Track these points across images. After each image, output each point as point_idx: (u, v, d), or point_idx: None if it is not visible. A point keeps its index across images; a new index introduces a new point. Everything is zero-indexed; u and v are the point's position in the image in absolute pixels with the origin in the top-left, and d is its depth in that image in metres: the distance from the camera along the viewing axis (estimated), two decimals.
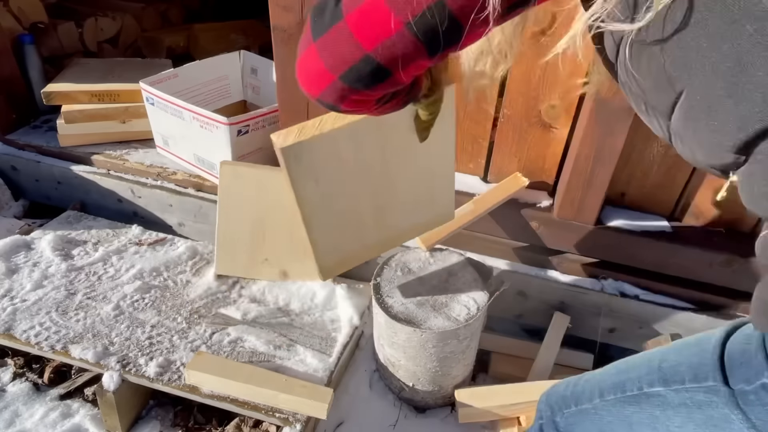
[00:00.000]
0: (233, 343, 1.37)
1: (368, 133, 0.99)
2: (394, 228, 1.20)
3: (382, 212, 1.15)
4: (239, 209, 1.51)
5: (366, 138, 1.00)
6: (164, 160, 1.84)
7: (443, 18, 0.53)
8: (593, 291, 1.45)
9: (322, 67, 0.59)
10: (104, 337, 1.36)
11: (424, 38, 0.55)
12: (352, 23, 0.56)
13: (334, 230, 1.09)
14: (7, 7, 2.07)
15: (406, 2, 0.53)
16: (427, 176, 1.15)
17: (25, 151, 1.90)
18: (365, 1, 0.55)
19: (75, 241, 1.69)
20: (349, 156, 0.99)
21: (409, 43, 0.55)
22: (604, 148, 1.27)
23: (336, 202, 1.05)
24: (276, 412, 1.22)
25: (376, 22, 0.55)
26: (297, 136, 0.91)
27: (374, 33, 0.56)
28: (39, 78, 2.03)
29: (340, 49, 0.57)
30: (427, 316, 1.22)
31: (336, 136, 0.94)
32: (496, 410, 1.26)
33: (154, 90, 1.67)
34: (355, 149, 0.99)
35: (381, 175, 1.07)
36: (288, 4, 1.28)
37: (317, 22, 0.59)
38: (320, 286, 1.55)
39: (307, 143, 0.91)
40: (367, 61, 0.57)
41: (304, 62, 0.61)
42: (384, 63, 0.57)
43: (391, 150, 1.05)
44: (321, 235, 1.07)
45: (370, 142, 1.01)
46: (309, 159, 0.94)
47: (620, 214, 1.44)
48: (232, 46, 2.83)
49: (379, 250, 1.23)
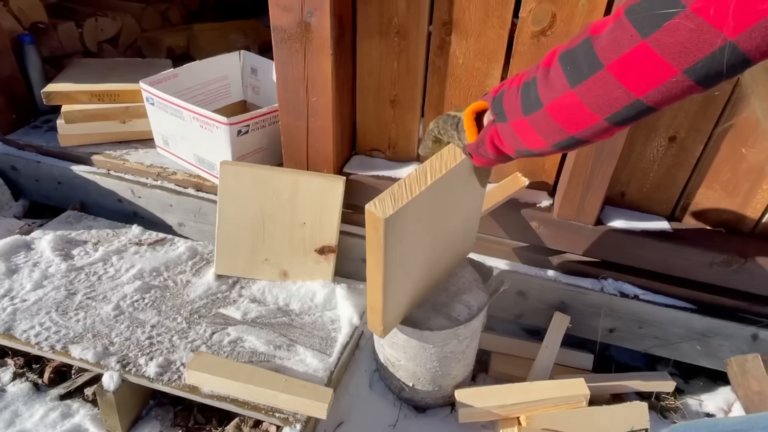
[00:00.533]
0: (233, 343, 1.37)
1: (443, 189, 1.04)
2: (438, 271, 1.24)
3: (436, 261, 1.20)
4: (239, 209, 1.51)
5: (440, 194, 1.04)
6: (164, 160, 1.84)
7: (733, 59, 0.52)
8: (593, 291, 1.45)
9: (586, 111, 0.64)
10: (104, 337, 1.36)
11: (703, 80, 0.55)
12: (616, 72, 0.59)
13: (399, 288, 1.11)
14: (7, 7, 2.07)
15: (682, 51, 0.53)
16: (465, 218, 1.20)
17: (25, 151, 1.90)
18: (627, 51, 0.57)
19: (75, 241, 1.69)
20: (426, 214, 1.04)
21: (685, 86, 0.56)
22: (604, 148, 1.27)
23: (409, 259, 1.08)
24: (276, 412, 1.22)
25: (646, 72, 0.57)
26: (393, 203, 0.94)
27: (645, 81, 0.58)
28: (39, 78, 2.03)
29: (606, 95, 0.61)
30: (427, 315, 1.22)
31: (424, 197, 0.99)
32: (496, 410, 1.26)
33: (154, 90, 1.67)
34: (431, 206, 1.03)
35: (441, 225, 1.12)
36: (288, 4, 1.28)
37: (573, 70, 0.64)
38: (320, 286, 1.55)
39: (403, 209, 0.95)
40: (636, 105, 0.61)
41: (563, 105, 0.67)
42: (653, 104, 0.60)
43: (452, 201, 1.10)
44: (392, 295, 1.09)
45: (443, 197, 1.06)
46: (402, 223, 0.97)
47: (620, 214, 1.44)
48: (232, 46, 2.84)
49: (425, 293, 1.26)
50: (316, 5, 1.25)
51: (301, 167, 1.54)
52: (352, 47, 1.44)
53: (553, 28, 1.25)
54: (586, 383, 1.28)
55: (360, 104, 1.54)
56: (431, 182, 0.98)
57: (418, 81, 1.44)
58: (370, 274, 1.04)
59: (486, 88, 1.39)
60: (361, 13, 1.38)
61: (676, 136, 1.32)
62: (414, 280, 1.16)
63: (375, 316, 1.12)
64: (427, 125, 1.19)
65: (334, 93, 1.39)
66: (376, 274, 1.02)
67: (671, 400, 1.48)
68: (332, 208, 1.48)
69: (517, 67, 1.32)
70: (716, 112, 1.27)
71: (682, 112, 1.29)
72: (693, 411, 1.47)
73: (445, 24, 1.33)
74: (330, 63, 1.32)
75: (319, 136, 1.46)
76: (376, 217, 0.92)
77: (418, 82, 1.45)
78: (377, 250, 0.97)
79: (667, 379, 1.44)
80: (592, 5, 1.19)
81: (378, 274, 1.02)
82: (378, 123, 1.55)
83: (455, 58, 1.37)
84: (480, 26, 1.31)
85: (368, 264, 1.03)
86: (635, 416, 1.28)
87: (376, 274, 1.02)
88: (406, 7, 1.34)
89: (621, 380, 1.43)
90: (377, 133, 1.57)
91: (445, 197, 1.06)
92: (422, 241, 1.08)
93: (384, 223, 0.92)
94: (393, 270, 1.03)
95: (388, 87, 1.48)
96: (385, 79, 1.46)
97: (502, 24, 1.29)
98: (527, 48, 1.29)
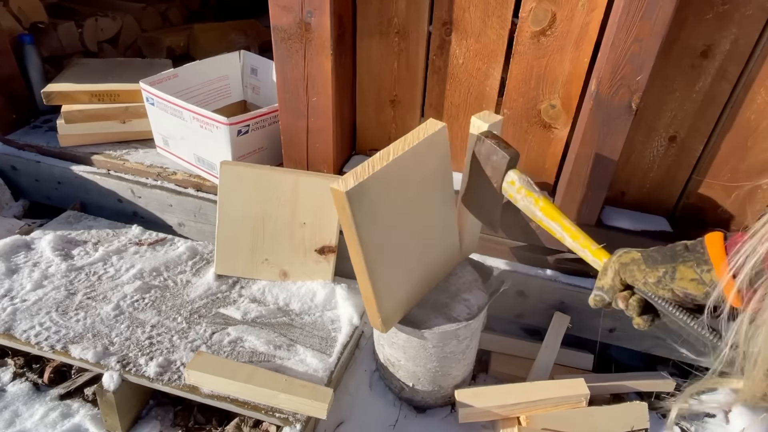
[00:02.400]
0: (233, 343, 1.37)
1: (410, 171, 1.07)
2: (434, 264, 1.26)
3: (426, 252, 1.21)
4: (239, 209, 1.51)
5: (410, 176, 1.07)
6: (164, 160, 1.84)
7: None
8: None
9: None
10: (104, 337, 1.36)
11: None
12: None
13: (389, 275, 1.13)
14: (7, 7, 2.07)
15: None
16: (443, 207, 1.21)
17: (25, 151, 1.90)
18: None
19: (75, 241, 1.69)
20: (398, 193, 1.06)
21: None
22: (604, 148, 1.27)
23: (390, 243, 1.10)
24: (276, 412, 1.22)
25: None
26: (355, 179, 0.97)
27: None
28: (39, 78, 2.03)
29: None
30: (427, 316, 1.22)
31: (387, 173, 1.02)
32: (496, 410, 1.26)
33: (154, 90, 1.67)
34: (401, 187, 1.06)
35: (420, 214, 1.14)
36: (288, 4, 1.28)
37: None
38: (320, 286, 1.55)
39: (365, 183, 0.98)
40: None
41: None
42: None
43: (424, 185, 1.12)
44: (380, 282, 1.10)
45: (414, 180, 1.08)
46: (368, 199, 0.99)
47: (620, 214, 1.44)
48: (232, 46, 2.84)
49: (423, 290, 1.26)
50: (316, 5, 1.25)
51: (301, 167, 1.54)
52: (352, 47, 1.44)
53: (553, 28, 1.25)
54: (586, 383, 1.28)
55: (360, 104, 1.54)
56: (392, 159, 1.02)
57: (418, 81, 1.44)
58: (354, 261, 1.07)
59: (486, 88, 1.39)
60: (361, 13, 1.38)
61: (676, 136, 1.32)
62: (405, 270, 1.16)
63: (370, 308, 1.14)
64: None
65: (334, 93, 1.39)
66: (356, 257, 1.05)
67: (671, 400, 1.47)
68: (332, 208, 1.48)
69: (517, 66, 1.32)
70: (716, 112, 1.27)
71: (682, 112, 1.29)
72: (693, 411, 1.47)
73: (445, 24, 1.33)
74: (330, 63, 1.32)
75: (319, 136, 1.46)
76: (339, 193, 0.95)
77: (418, 82, 1.45)
78: (349, 229, 1.00)
79: (667, 379, 1.44)
80: (592, 5, 1.19)
81: (358, 257, 1.04)
82: (378, 123, 1.55)
83: (455, 58, 1.37)
84: (480, 26, 1.31)
85: (349, 250, 1.05)
86: (635, 416, 1.29)
87: (356, 257, 1.05)
88: (406, 7, 1.34)
89: (621, 380, 1.43)
90: (377, 133, 1.57)
91: (414, 178, 1.08)
92: (400, 225, 1.10)
93: (346, 196, 0.95)
94: (373, 254, 1.05)
95: (388, 87, 1.48)
96: (385, 79, 1.47)
97: (502, 24, 1.29)
98: (527, 48, 1.29)
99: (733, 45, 1.18)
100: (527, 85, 1.34)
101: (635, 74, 1.15)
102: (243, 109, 2.05)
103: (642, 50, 1.12)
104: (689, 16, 1.16)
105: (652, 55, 1.11)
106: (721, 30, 1.17)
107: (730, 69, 1.21)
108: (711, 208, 1.39)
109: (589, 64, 1.26)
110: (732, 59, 1.19)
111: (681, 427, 1.42)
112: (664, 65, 1.23)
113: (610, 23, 1.16)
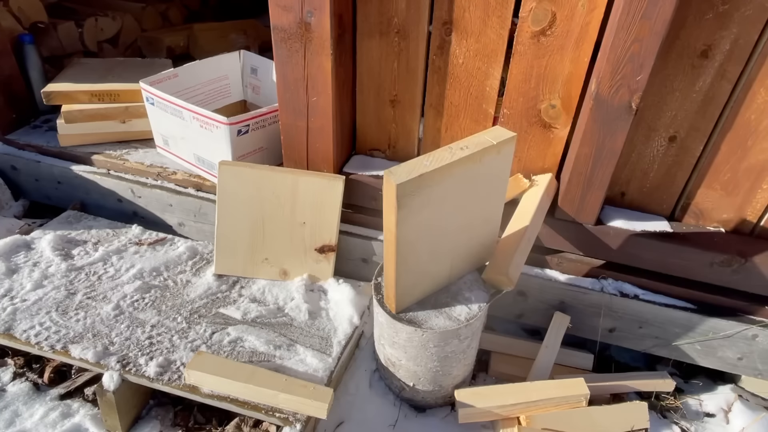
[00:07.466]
0: (233, 343, 1.37)
1: (465, 178, 1.07)
2: (458, 268, 1.27)
3: (456, 257, 1.23)
4: (239, 209, 1.51)
5: (463, 182, 1.07)
6: (164, 160, 1.84)
7: None
8: (593, 291, 1.45)
9: None
10: (104, 336, 1.36)
11: None
12: None
13: (416, 271, 1.15)
14: (7, 7, 2.07)
15: None
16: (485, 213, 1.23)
17: (25, 151, 1.90)
18: None
19: (75, 241, 1.69)
20: (446, 197, 1.07)
21: None
22: (604, 148, 1.27)
23: (426, 243, 1.11)
24: (276, 412, 1.22)
25: None
26: (408, 173, 0.98)
27: None
28: (39, 78, 2.03)
29: None
30: (428, 315, 1.22)
31: (443, 175, 1.02)
32: (496, 410, 1.26)
33: (154, 90, 1.67)
34: (452, 190, 1.07)
35: (462, 214, 1.15)
36: (288, 4, 1.28)
37: None
38: (319, 285, 1.55)
39: (418, 180, 0.98)
40: None
41: None
42: None
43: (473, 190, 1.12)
44: (405, 274, 1.13)
45: (464, 188, 1.09)
46: (417, 196, 1.01)
47: (620, 214, 1.44)
48: (232, 46, 2.84)
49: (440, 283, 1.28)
50: (316, 5, 1.25)
51: (301, 167, 1.54)
52: (352, 47, 1.44)
53: (553, 28, 1.25)
54: (586, 383, 1.28)
55: (360, 104, 1.54)
56: (451, 161, 1.02)
57: (418, 81, 1.44)
58: (386, 248, 1.10)
59: (486, 88, 1.39)
60: (361, 13, 1.38)
61: (676, 136, 1.32)
62: (431, 270, 1.19)
63: (389, 290, 1.17)
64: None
65: (334, 93, 1.39)
66: (389, 246, 1.07)
67: (671, 399, 1.48)
68: (332, 207, 1.48)
69: (517, 66, 1.32)
70: (716, 112, 1.27)
71: (682, 112, 1.29)
72: (693, 411, 1.47)
73: (445, 24, 1.33)
74: (330, 63, 1.32)
75: (319, 136, 1.46)
76: (390, 183, 0.97)
77: (418, 81, 1.45)
78: (392, 219, 1.01)
79: (667, 379, 1.44)
80: (592, 5, 1.19)
81: (391, 247, 1.06)
82: (378, 123, 1.55)
83: (455, 57, 1.37)
84: (480, 26, 1.31)
85: (384, 236, 1.08)
86: (635, 416, 1.29)
87: (389, 246, 1.07)
88: (406, 7, 1.34)
89: (621, 380, 1.43)
90: (377, 132, 1.57)
91: (467, 184, 1.09)
92: (443, 229, 1.11)
93: (396, 188, 0.96)
94: (408, 248, 1.07)
95: (388, 87, 1.48)
96: (385, 78, 1.47)
97: (502, 24, 1.29)
98: (527, 48, 1.29)
99: (733, 45, 1.18)
100: (527, 85, 1.34)
101: (635, 74, 1.15)
102: (243, 108, 2.05)
103: (642, 50, 1.12)
104: (689, 15, 1.16)
105: (652, 55, 1.11)
106: (721, 30, 1.17)
107: (730, 69, 1.21)
108: (711, 208, 1.39)
109: (589, 64, 1.26)
110: (732, 59, 1.19)
111: (681, 427, 1.42)
112: (664, 65, 1.23)
113: (610, 23, 1.16)
